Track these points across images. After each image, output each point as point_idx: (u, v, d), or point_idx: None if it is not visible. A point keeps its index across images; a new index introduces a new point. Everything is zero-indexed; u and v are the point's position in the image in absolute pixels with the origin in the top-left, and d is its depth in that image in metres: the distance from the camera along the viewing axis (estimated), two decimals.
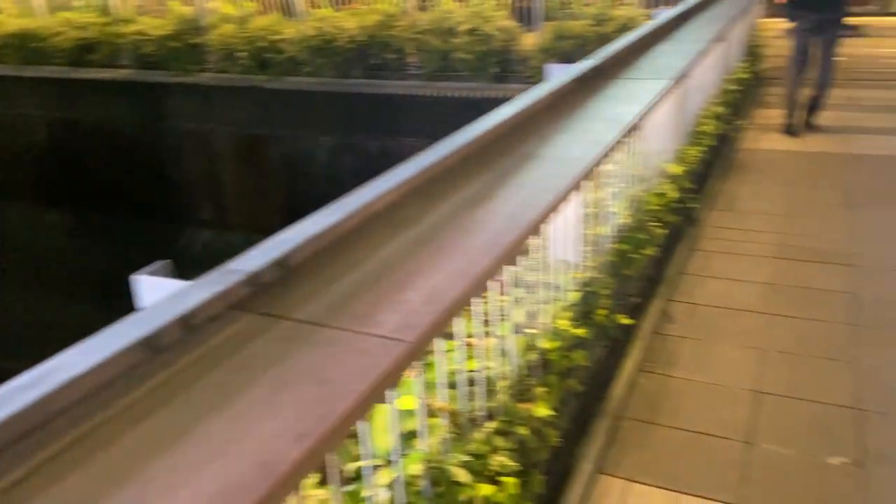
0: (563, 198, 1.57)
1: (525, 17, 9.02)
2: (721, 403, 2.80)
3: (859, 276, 3.66)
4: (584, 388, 2.66)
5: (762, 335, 3.22)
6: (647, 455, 2.56)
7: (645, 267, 3.37)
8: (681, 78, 2.90)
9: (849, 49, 9.22)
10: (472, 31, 8.35)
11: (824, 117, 6.24)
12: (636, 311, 3.39)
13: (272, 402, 0.87)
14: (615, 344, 3.02)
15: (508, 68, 8.57)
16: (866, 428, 2.58)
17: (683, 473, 2.46)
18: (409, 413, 1.71)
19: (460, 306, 1.19)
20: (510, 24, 8.61)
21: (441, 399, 1.72)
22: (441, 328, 1.13)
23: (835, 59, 5.99)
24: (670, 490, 2.39)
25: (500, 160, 1.71)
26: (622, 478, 2.47)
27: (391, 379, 0.94)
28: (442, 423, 1.72)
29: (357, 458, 1.45)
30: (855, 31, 10.50)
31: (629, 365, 3.04)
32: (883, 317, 3.27)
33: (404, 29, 9.04)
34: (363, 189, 1.40)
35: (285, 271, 1.15)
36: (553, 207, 1.52)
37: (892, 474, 2.36)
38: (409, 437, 1.70)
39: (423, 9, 9.52)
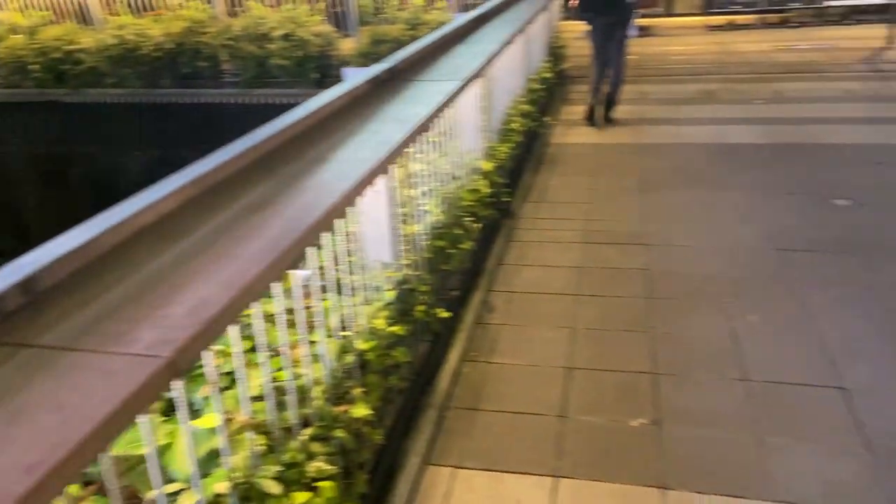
0: (347, 200, 1.59)
1: (341, 22, 9.02)
2: (538, 383, 2.97)
3: (651, 253, 4.03)
4: (408, 383, 2.71)
5: (572, 315, 3.45)
6: (472, 441, 2.66)
7: (463, 261, 3.49)
8: (473, 78, 3.04)
9: (640, 48, 10.14)
10: (286, 37, 8.21)
11: (620, 111, 6.80)
12: (458, 303, 3.50)
13: (1, 435, 0.80)
14: (438, 337, 3.11)
15: (328, 73, 8.53)
16: (661, 390, 2.85)
17: (505, 453, 2.58)
18: (212, 431, 1.66)
19: (231, 316, 1.17)
20: (326, 29, 8.57)
21: (246, 413, 1.68)
22: (208, 340, 1.10)
23: (626, 57, 6.55)
24: (494, 471, 2.50)
25: (285, 165, 1.70)
26: (449, 466, 2.54)
27: (144, 398, 0.90)
28: (250, 437, 1.68)
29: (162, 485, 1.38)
30: (643, 31, 11.57)
31: (453, 356, 3.13)
32: (671, 288, 3.63)
33: (215, 35, 8.71)
34: (130, 201, 1.33)
35: (32, 295, 1.06)
36: (335, 210, 1.53)
37: (683, 429, 2.62)
38: (216, 455, 1.65)
39: (233, 14, 9.22)
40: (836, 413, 2.63)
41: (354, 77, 2.38)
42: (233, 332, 1.48)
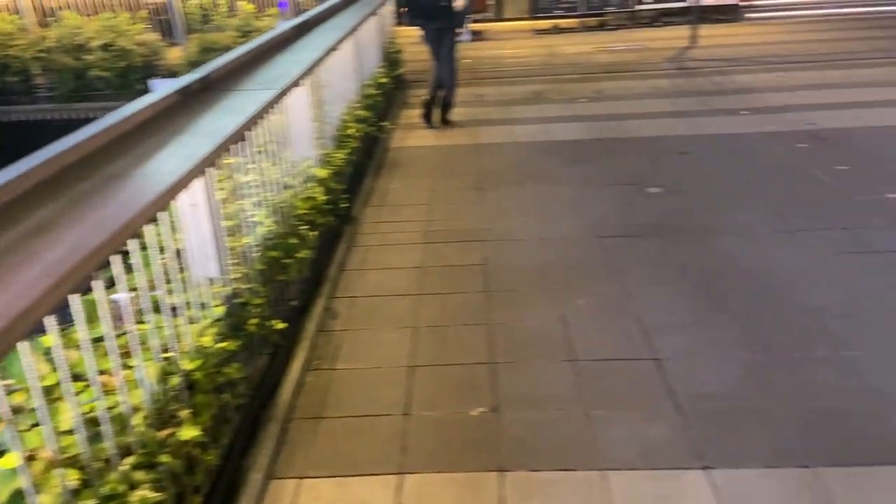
0: (143, 217, 1.54)
1: (167, 30, 8.61)
2: (382, 384, 3.00)
3: (489, 249, 4.20)
4: (246, 399, 2.65)
5: (414, 315, 3.53)
6: (317, 449, 2.65)
7: (302, 270, 3.46)
8: (293, 86, 3.03)
9: (474, 52, 10.51)
10: (106, 47, 7.71)
11: (457, 113, 7.01)
12: (299, 313, 3.47)
13: None
14: (278, 349, 3.06)
15: None
16: (499, 378, 2.98)
17: (351, 458, 2.59)
18: (13, 472, 1.54)
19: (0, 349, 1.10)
20: (150, 37, 8.15)
21: (53, 448, 1.58)
22: None
23: (456, 61, 6.76)
24: (339, 476, 2.50)
25: (77, 183, 1.61)
26: (294, 478, 2.52)
27: None
28: (59, 473, 1.58)
29: None
30: (476, 35, 11.99)
31: (295, 366, 3.10)
32: (506, 281, 3.80)
33: (25, 48, 8.01)
34: None
35: None
36: (132, 227, 1.48)
37: (519, 413, 2.76)
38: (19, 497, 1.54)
39: (45, 25, 8.53)
40: (650, 382, 2.88)
41: (162, 88, 2.30)
42: (27, 365, 1.39)
